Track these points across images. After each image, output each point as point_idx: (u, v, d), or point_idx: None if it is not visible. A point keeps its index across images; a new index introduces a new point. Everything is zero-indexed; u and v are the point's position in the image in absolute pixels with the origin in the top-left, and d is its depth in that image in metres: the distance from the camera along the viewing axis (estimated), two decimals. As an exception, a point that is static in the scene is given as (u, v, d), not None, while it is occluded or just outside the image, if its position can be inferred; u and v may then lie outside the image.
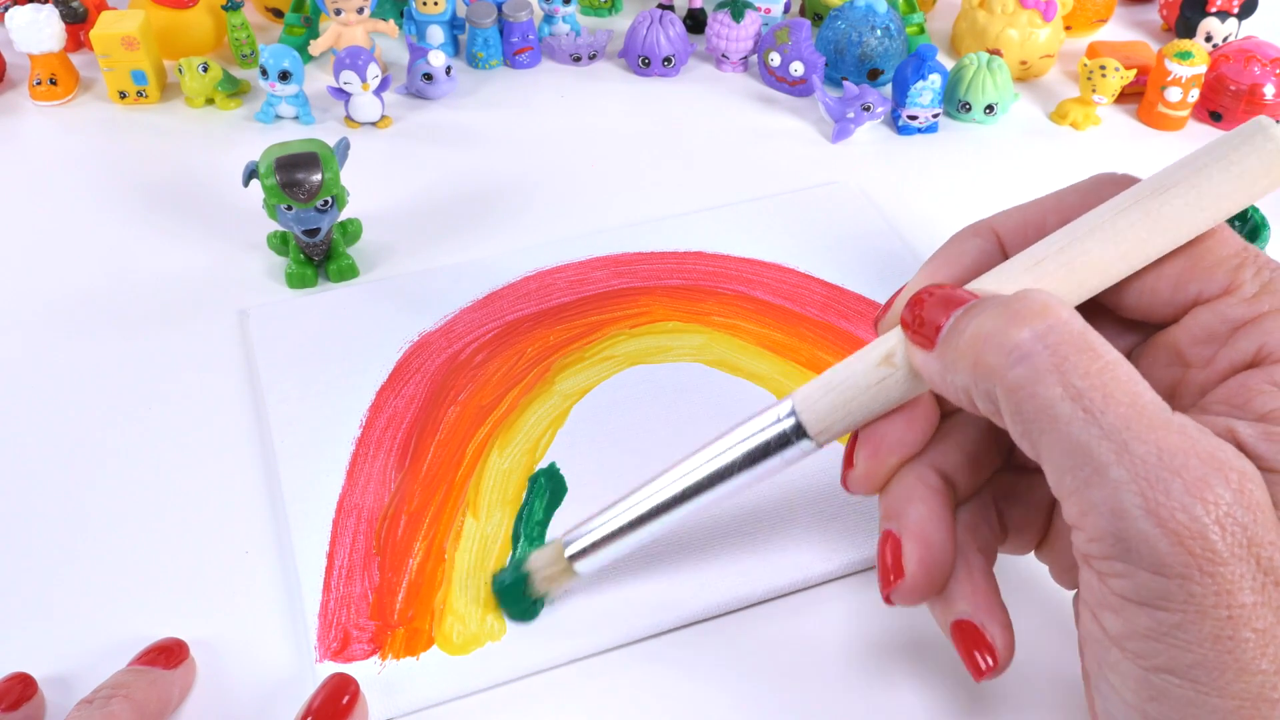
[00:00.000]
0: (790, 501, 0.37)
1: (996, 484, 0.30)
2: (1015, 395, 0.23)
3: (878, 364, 0.27)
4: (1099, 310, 0.28)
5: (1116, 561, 0.22)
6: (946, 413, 0.29)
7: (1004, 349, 0.23)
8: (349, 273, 0.47)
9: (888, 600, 0.28)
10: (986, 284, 0.27)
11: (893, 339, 0.27)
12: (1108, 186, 0.28)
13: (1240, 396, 0.25)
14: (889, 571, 0.27)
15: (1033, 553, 0.30)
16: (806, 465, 0.38)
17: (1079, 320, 0.23)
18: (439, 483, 0.38)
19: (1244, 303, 0.26)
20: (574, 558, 0.32)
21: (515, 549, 0.35)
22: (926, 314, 0.26)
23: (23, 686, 0.31)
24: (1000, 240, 0.29)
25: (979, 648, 0.27)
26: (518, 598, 0.33)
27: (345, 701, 0.30)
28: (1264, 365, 0.25)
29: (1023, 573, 0.34)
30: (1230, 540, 0.21)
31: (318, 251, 0.46)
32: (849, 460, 0.29)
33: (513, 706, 0.32)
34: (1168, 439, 0.21)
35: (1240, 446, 0.23)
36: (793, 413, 0.29)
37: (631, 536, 0.31)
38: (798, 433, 0.29)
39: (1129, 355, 0.29)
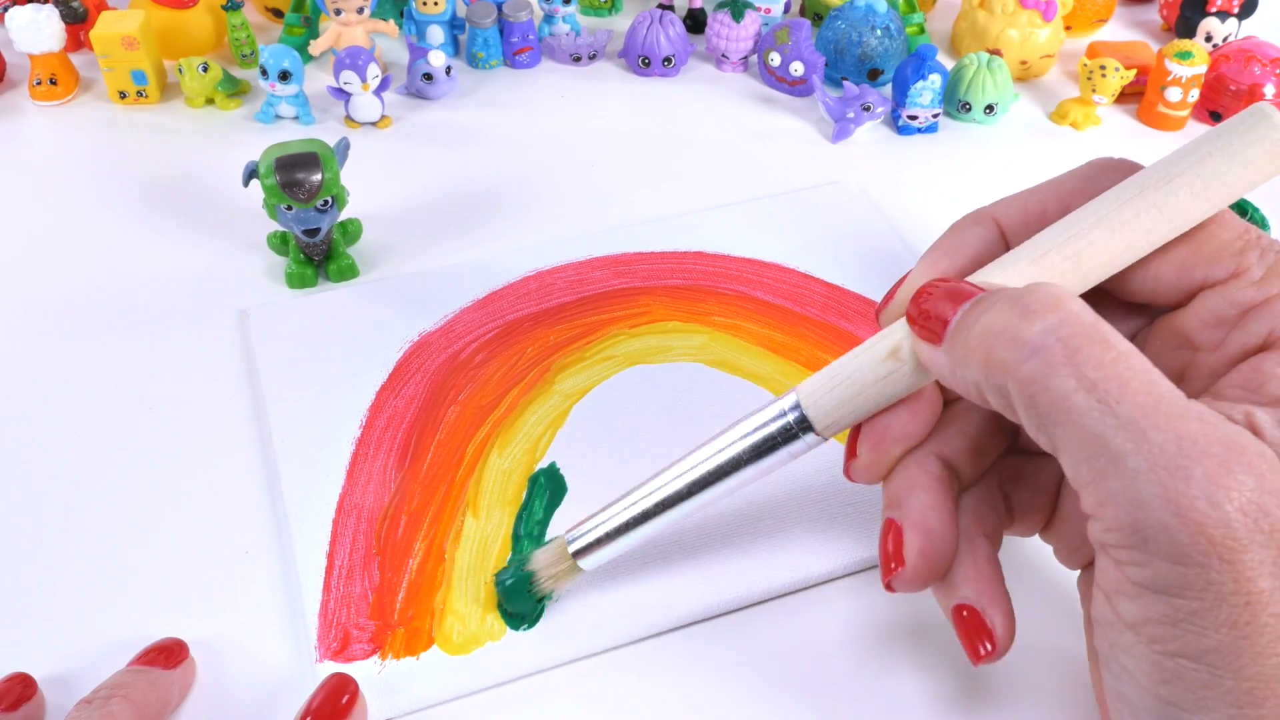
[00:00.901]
0: (789, 502, 0.37)
1: (1002, 468, 0.30)
2: (1029, 389, 0.23)
3: (884, 358, 0.27)
4: (1102, 295, 0.28)
5: (1134, 551, 0.22)
6: (949, 400, 0.29)
7: (1016, 344, 0.23)
8: (349, 273, 0.47)
9: (889, 588, 0.28)
10: (992, 276, 0.27)
11: (898, 332, 0.27)
12: (1106, 172, 0.28)
13: (1254, 381, 0.24)
14: (890, 559, 0.28)
15: (1038, 534, 0.30)
16: (805, 466, 0.38)
17: (1090, 313, 0.23)
18: (439, 482, 0.38)
19: (1252, 286, 0.26)
20: (578, 554, 0.32)
21: (515, 549, 0.35)
22: (933, 308, 0.25)
23: (23, 687, 0.31)
24: (1001, 229, 0.29)
25: (979, 633, 0.27)
26: (522, 597, 0.33)
27: (344, 701, 0.30)
28: (1276, 349, 0.25)
29: (1027, 554, 0.34)
30: (1252, 526, 0.20)
31: (318, 251, 0.46)
32: (851, 450, 0.29)
33: (513, 706, 0.32)
34: (1186, 426, 0.21)
35: (1257, 432, 0.23)
36: (797, 406, 0.28)
37: (636, 532, 0.31)
38: (803, 427, 0.28)
39: (1134, 338, 0.29)
